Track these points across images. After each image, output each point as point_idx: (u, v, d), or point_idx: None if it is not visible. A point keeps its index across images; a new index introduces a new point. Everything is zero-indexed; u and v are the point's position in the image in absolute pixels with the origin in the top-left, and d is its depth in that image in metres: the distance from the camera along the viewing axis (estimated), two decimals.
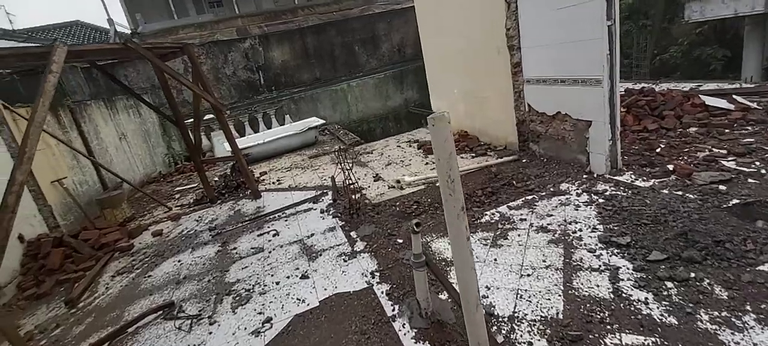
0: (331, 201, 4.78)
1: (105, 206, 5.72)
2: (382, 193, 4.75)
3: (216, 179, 6.79)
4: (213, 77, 11.42)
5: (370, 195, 4.77)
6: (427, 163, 5.54)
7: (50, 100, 3.09)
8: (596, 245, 2.91)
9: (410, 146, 6.76)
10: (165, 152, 10.51)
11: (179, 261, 4.02)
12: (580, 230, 3.13)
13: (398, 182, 4.78)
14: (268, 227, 4.39)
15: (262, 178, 6.83)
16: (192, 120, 5.74)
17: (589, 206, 3.46)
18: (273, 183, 6.29)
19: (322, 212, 4.52)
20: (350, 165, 4.56)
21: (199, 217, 5.29)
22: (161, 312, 3.07)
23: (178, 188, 7.41)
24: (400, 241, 3.50)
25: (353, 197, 4.32)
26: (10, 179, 2.76)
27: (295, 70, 12.97)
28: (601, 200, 3.52)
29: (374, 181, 5.31)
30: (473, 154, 5.42)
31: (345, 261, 3.32)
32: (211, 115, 9.84)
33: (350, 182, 4.42)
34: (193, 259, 4.00)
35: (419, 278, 2.33)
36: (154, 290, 3.50)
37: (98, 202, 5.77)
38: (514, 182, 4.19)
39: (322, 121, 8.90)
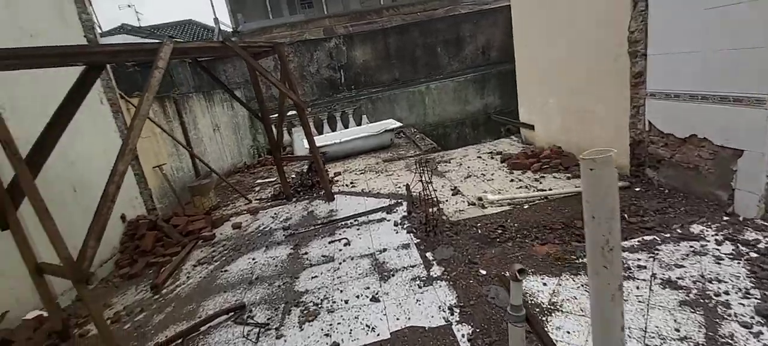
0: (406, 213, 4.49)
1: (195, 194, 6.12)
2: (461, 210, 4.34)
3: (293, 175, 6.94)
4: (298, 75, 11.89)
5: (447, 211, 4.39)
6: (512, 181, 4.97)
7: (154, 95, 3.24)
8: (752, 318, 2.21)
9: (492, 158, 6.20)
10: (251, 144, 11.20)
11: (253, 259, 4.05)
12: (726, 292, 2.42)
13: (480, 199, 4.33)
14: (340, 234, 4.24)
15: (336, 178, 6.80)
16: (276, 116, 5.89)
17: (736, 261, 2.70)
18: (346, 185, 6.20)
19: (395, 224, 4.25)
20: (429, 176, 4.23)
21: (275, 213, 5.38)
22: (232, 314, 3.05)
23: (258, 181, 7.75)
24: (483, 272, 3.07)
25: (430, 211, 3.98)
26: (112, 170, 2.91)
27: (375, 71, 13.02)
28: (753, 254, 2.73)
29: (452, 195, 4.91)
30: (569, 175, 4.73)
31: (420, 287, 3.00)
32: (294, 112, 10.23)
33: (428, 194, 4.08)
34: (266, 259, 4.00)
35: (515, 335, 1.91)
36: (229, 288, 3.53)
37: (190, 189, 6.21)
38: (626, 216, 3.49)
39: (399, 124, 8.71)
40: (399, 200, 4.96)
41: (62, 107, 3.18)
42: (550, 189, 4.41)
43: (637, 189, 3.93)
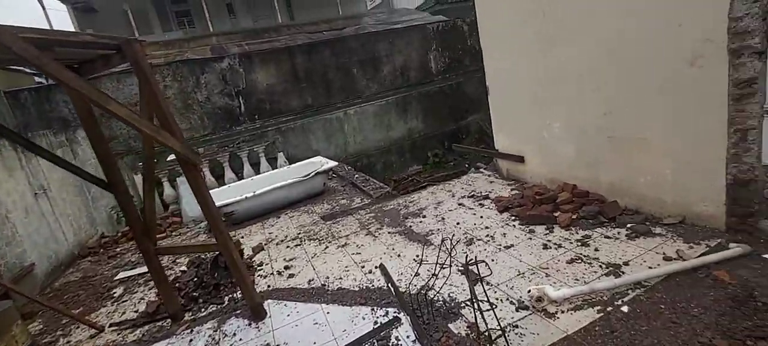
0: (416, 341, 2.47)
1: None
2: (513, 321, 2.51)
3: (183, 268, 4.30)
4: (181, 104, 8.99)
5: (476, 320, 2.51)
6: (546, 248, 3.35)
7: None
8: None
9: (480, 205, 4.59)
10: (112, 205, 7.81)
11: None
12: None
13: (539, 299, 2.55)
14: None
15: (256, 258, 4.41)
16: (143, 169, 3.35)
17: None
18: (278, 273, 3.90)
19: None
20: (473, 273, 2.32)
21: None
22: None
23: (121, 275, 4.82)
24: None
25: None
26: None
27: (283, 96, 10.85)
28: None
29: (460, 274, 3.07)
30: (628, 231, 3.30)
31: None
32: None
33: (479, 304, 2.16)
34: None
35: None
36: None
37: None
38: None
39: (333, 163, 6.63)
40: (387, 309, 2.90)
41: None
42: (624, 263, 2.89)
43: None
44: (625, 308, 2.41)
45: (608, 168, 3.76)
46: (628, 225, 3.35)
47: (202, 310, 3.48)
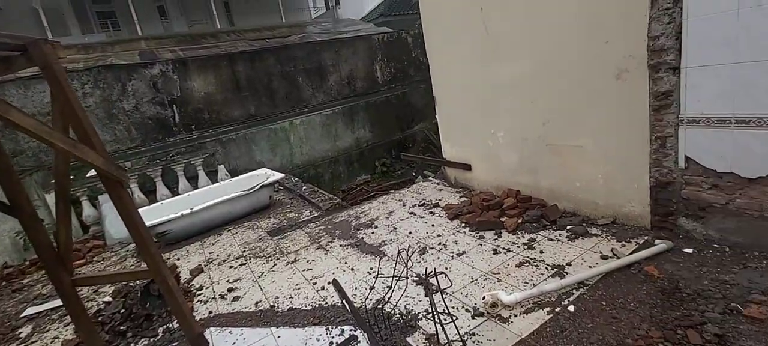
0: None
1: None
2: (470, 327, 2.52)
3: (107, 298, 3.80)
4: (104, 113, 8.16)
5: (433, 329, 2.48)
6: (496, 253, 3.44)
7: None
8: None
9: (431, 213, 4.63)
10: (17, 229, 6.79)
11: None
12: None
13: (494, 305, 2.59)
14: None
15: (194, 282, 4.05)
16: (54, 187, 2.89)
17: None
18: (222, 297, 3.60)
19: None
20: (435, 290, 2.28)
21: None
22: None
23: (30, 309, 4.16)
24: None
25: None
26: None
27: (223, 105, 10.34)
28: None
29: (416, 285, 3.05)
30: (568, 233, 3.49)
31: None
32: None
33: (441, 315, 2.12)
34: None
35: None
36: None
37: None
38: (732, 309, 2.30)
39: (279, 175, 6.33)
40: (342, 328, 2.78)
41: None
42: (567, 263, 3.04)
43: (689, 251, 2.89)
44: (571, 308, 2.53)
45: (548, 174, 3.99)
46: (568, 227, 3.56)
47: None
